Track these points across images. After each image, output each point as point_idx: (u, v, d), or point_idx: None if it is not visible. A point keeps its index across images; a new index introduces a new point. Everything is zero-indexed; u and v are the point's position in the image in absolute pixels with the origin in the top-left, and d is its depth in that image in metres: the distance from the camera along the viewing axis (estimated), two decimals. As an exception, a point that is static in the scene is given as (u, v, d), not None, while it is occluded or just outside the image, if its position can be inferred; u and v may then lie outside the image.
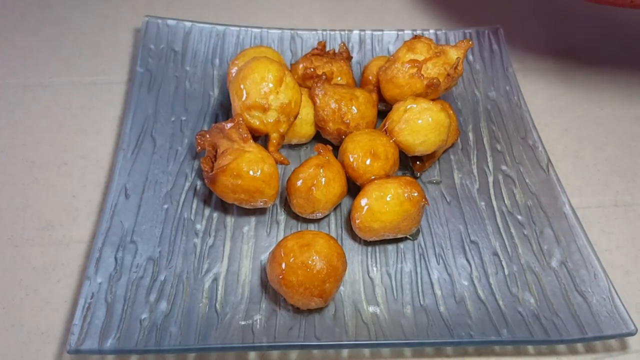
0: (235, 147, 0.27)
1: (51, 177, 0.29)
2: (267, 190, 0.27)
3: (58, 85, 0.34)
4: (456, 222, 0.29)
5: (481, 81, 0.35)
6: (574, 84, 0.37)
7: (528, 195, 0.29)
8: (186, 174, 0.29)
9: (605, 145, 0.33)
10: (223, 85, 0.34)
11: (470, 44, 0.30)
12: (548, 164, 0.30)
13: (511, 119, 0.33)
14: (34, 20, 0.38)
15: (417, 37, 0.30)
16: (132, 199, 0.27)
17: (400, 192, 0.26)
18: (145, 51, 0.34)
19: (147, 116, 0.31)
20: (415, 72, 0.29)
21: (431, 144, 0.29)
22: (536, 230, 0.28)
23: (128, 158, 0.29)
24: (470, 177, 0.31)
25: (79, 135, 0.31)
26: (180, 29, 0.35)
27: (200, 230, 0.27)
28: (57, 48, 0.36)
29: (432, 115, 0.28)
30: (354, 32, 0.37)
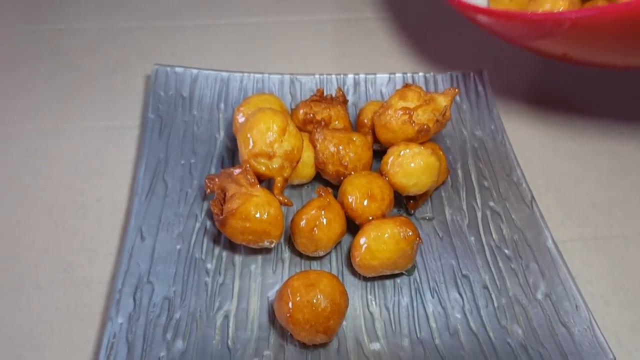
0: (243, 191, 0.29)
1: (69, 220, 0.31)
2: (273, 232, 0.29)
3: (73, 130, 0.36)
4: (448, 257, 0.31)
5: (468, 121, 0.38)
6: (553, 122, 0.40)
7: (514, 230, 0.32)
8: (196, 215, 0.31)
9: (584, 179, 0.36)
10: (228, 128, 0.36)
11: (456, 92, 0.33)
12: (532, 200, 0.33)
13: (497, 157, 0.36)
14: (48, 67, 0.40)
15: (408, 86, 0.33)
16: (147, 241, 0.29)
17: (396, 231, 0.28)
18: (156, 98, 0.36)
19: (159, 160, 0.33)
20: (407, 119, 0.32)
21: (423, 185, 0.31)
22: (522, 264, 0.30)
23: (142, 202, 0.31)
24: (460, 212, 0.33)
25: (94, 179, 0.33)
26: (188, 75, 0.38)
27: (211, 269, 0.29)
28: (71, 94, 0.38)
29: (424, 159, 0.31)
30: (348, 75, 0.39)
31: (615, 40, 0.32)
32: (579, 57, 0.35)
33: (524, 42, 0.37)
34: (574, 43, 0.34)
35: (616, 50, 0.34)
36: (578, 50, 0.35)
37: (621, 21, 0.29)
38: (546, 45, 0.36)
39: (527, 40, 0.37)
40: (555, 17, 0.32)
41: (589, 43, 0.34)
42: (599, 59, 0.36)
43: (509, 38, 0.38)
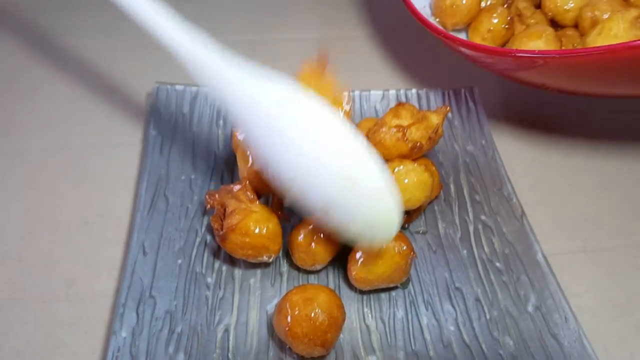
0: (242, 207, 0.30)
1: (74, 235, 0.32)
2: (272, 246, 0.30)
3: (76, 147, 0.37)
4: (442, 270, 0.32)
5: (460, 136, 0.39)
6: (543, 138, 0.41)
7: (505, 244, 0.33)
8: (196, 229, 0.32)
9: (573, 194, 0.37)
10: (227, 145, 0.37)
11: (448, 110, 0.34)
12: (522, 214, 0.34)
13: (488, 172, 0.37)
14: (49, 85, 0.41)
15: (401, 104, 0.34)
16: (150, 256, 0.30)
17: (391, 246, 0.29)
18: (157, 115, 0.37)
19: (160, 176, 0.34)
20: (401, 136, 0.33)
21: (417, 200, 0.32)
22: (513, 277, 0.31)
23: (144, 217, 0.32)
24: (453, 226, 0.34)
25: (97, 195, 0.34)
26: (188, 93, 0.39)
27: (211, 283, 0.30)
28: (72, 111, 0.39)
29: (417, 176, 0.32)
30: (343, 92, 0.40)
31: (591, 76, 0.34)
32: (556, 88, 0.38)
33: (503, 73, 0.39)
34: (550, 77, 0.36)
35: (592, 84, 0.36)
36: (555, 83, 0.37)
37: (593, 62, 0.31)
38: (524, 77, 0.38)
39: (506, 72, 0.39)
40: (531, 55, 0.34)
41: (565, 78, 0.36)
42: (575, 89, 0.38)
43: (491, 69, 0.40)
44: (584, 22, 0.38)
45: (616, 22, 0.34)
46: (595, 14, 0.37)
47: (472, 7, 0.41)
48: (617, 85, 0.36)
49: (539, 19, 0.41)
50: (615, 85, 0.36)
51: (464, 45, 0.38)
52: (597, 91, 0.37)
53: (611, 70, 0.32)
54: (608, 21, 0.35)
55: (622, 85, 0.36)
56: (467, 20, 0.42)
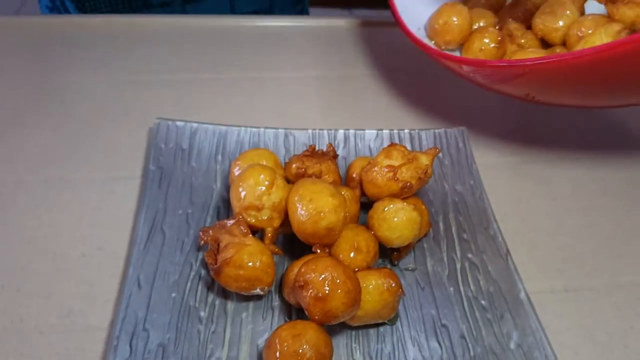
0: (236, 241, 0.32)
1: (71, 267, 0.33)
2: (265, 279, 0.31)
3: (77, 180, 0.38)
4: (429, 307, 0.33)
5: (449, 175, 0.40)
6: (529, 178, 0.42)
7: (490, 282, 0.34)
8: (191, 263, 0.33)
9: (556, 234, 0.38)
10: (225, 180, 0.38)
11: (437, 151, 0.35)
12: (507, 253, 0.35)
13: (475, 211, 0.38)
14: (54, 118, 0.43)
15: (393, 145, 0.35)
16: (144, 289, 0.31)
17: (380, 283, 0.30)
18: (157, 150, 0.38)
19: (158, 210, 0.35)
20: (392, 176, 0.34)
21: (406, 238, 0.33)
22: (497, 315, 0.32)
23: (141, 251, 0.33)
24: (441, 264, 0.35)
25: (96, 228, 0.35)
26: (188, 129, 0.40)
27: (204, 317, 0.31)
28: (75, 145, 0.41)
29: (406, 215, 0.33)
30: (339, 131, 0.42)
31: (572, 84, 0.36)
32: (541, 98, 0.40)
33: (490, 86, 0.41)
34: (533, 85, 0.38)
35: (575, 93, 0.38)
36: (539, 92, 0.39)
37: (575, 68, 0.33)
38: (511, 89, 0.40)
39: (493, 84, 0.41)
40: (515, 64, 0.37)
41: (546, 86, 0.38)
42: (560, 100, 0.40)
43: (477, 82, 0.42)
44: (571, 39, 0.40)
45: (599, 36, 0.37)
46: (581, 31, 0.39)
47: (464, 26, 0.44)
48: (595, 92, 0.38)
49: (529, 38, 0.43)
50: (594, 92, 0.38)
51: (458, 61, 0.40)
52: (583, 100, 0.40)
53: (591, 73, 0.34)
54: (591, 36, 0.37)
55: (598, 93, 0.38)
56: (459, 40, 0.44)
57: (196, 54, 0.52)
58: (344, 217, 0.32)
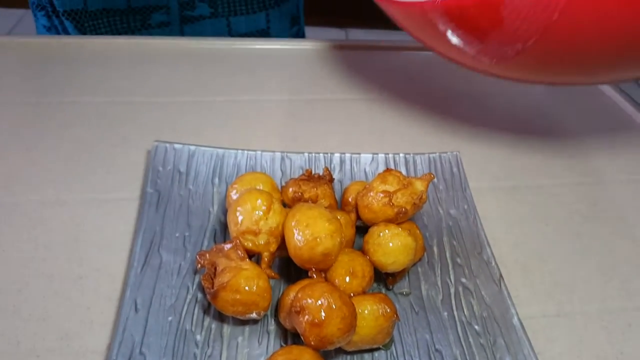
0: (233, 265, 0.32)
1: (68, 290, 0.33)
2: (262, 303, 0.31)
3: (74, 202, 0.38)
4: (423, 332, 0.33)
5: (444, 199, 0.41)
6: (522, 202, 0.43)
7: (483, 307, 0.34)
8: (188, 287, 0.34)
9: (549, 258, 0.39)
10: (222, 203, 0.39)
11: (432, 177, 0.36)
12: (500, 278, 0.35)
13: (469, 236, 0.38)
14: (52, 139, 0.43)
15: (388, 170, 0.36)
16: (141, 313, 0.31)
17: (376, 308, 0.31)
18: (155, 173, 0.39)
19: (155, 233, 0.35)
20: (387, 201, 0.35)
21: (401, 263, 0.34)
22: (490, 340, 0.33)
23: (138, 275, 0.33)
24: (435, 288, 0.36)
25: (93, 250, 0.35)
26: (186, 151, 0.40)
27: (200, 341, 0.31)
28: (73, 166, 0.41)
29: (401, 240, 0.33)
30: (335, 154, 0.42)
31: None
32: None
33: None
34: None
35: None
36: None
37: None
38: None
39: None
40: None
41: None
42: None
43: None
44: None
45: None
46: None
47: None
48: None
49: None
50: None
51: None
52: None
53: None
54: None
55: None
56: None
57: (194, 76, 0.53)
58: (340, 243, 0.32)
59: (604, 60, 0.37)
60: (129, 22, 0.63)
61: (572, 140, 0.50)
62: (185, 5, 0.65)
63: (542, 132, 0.51)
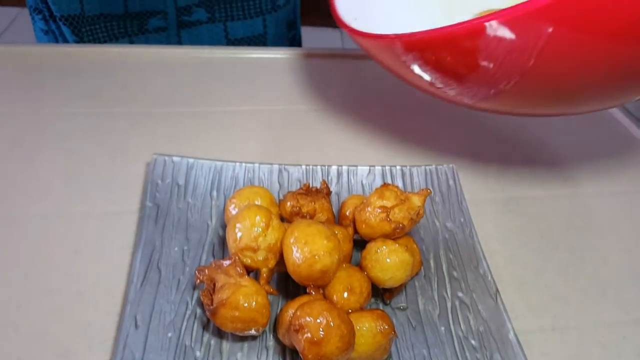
0: (231, 281, 0.32)
1: (67, 305, 0.33)
2: (260, 319, 0.31)
3: (73, 215, 0.38)
4: (420, 347, 0.34)
5: (440, 212, 0.41)
6: (518, 215, 0.43)
7: (480, 321, 0.35)
8: (187, 302, 0.34)
9: (545, 271, 0.39)
10: (220, 216, 0.39)
11: (429, 192, 0.36)
12: (496, 292, 0.36)
13: (465, 249, 0.39)
14: (50, 151, 0.43)
15: (386, 185, 0.36)
16: (141, 329, 0.31)
17: (374, 325, 0.31)
18: (153, 186, 0.39)
19: (154, 248, 0.35)
20: (384, 217, 0.35)
21: (398, 279, 0.34)
22: (487, 355, 0.33)
23: (137, 290, 0.33)
24: (432, 302, 0.36)
25: (92, 264, 0.36)
26: (184, 164, 0.41)
27: (200, 357, 0.31)
28: (71, 179, 0.41)
29: (399, 256, 0.34)
30: (332, 167, 0.43)
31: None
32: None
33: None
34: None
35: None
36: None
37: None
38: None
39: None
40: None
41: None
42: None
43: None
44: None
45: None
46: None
47: None
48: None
49: None
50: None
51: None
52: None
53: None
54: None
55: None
56: None
57: (192, 85, 0.53)
58: (338, 260, 0.32)
59: (584, 95, 0.38)
60: (127, 27, 0.63)
61: (567, 151, 0.51)
62: (183, 10, 0.64)
63: (537, 143, 0.52)
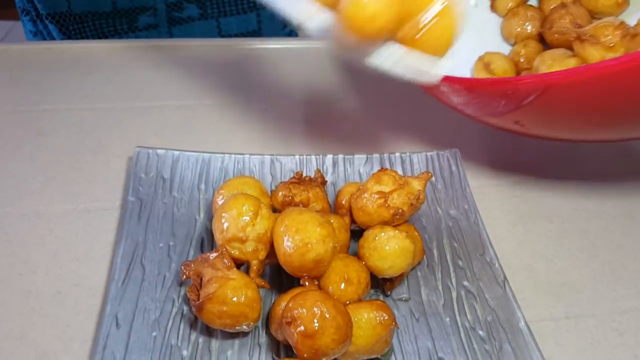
0: (219, 275, 0.30)
1: (46, 306, 0.31)
2: (251, 314, 0.29)
3: (53, 213, 0.36)
4: (424, 339, 0.31)
5: (443, 200, 0.39)
6: (525, 201, 0.41)
7: (488, 311, 0.32)
8: (173, 299, 0.32)
9: (555, 258, 0.37)
10: (208, 210, 0.37)
11: (430, 176, 0.34)
12: (504, 280, 0.33)
13: (470, 236, 0.37)
14: (30, 148, 0.41)
15: (383, 170, 0.34)
16: (123, 329, 0.29)
17: (373, 316, 0.29)
18: (136, 180, 0.37)
19: (137, 244, 0.33)
20: (383, 203, 0.33)
21: (398, 268, 0.32)
22: (496, 346, 0.31)
23: (119, 288, 0.31)
24: (436, 292, 0.34)
25: (72, 264, 0.34)
26: (169, 157, 0.39)
27: (187, 356, 0.29)
28: (52, 176, 0.39)
29: (399, 243, 0.32)
30: (327, 156, 0.40)
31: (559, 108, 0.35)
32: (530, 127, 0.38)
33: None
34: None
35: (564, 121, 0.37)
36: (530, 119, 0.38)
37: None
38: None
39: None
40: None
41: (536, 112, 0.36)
42: (551, 130, 0.39)
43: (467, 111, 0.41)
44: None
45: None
46: (543, 67, 0.40)
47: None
48: (587, 120, 0.37)
49: None
50: (586, 121, 0.37)
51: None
52: (574, 131, 0.39)
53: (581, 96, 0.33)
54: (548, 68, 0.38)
55: (589, 122, 0.37)
56: None
57: (179, 78, 0.51)
58: (332, 248, 0.30)
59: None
60: (116, 25, 0.62)
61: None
62: (173, 6, 0.63)
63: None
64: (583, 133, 0.40)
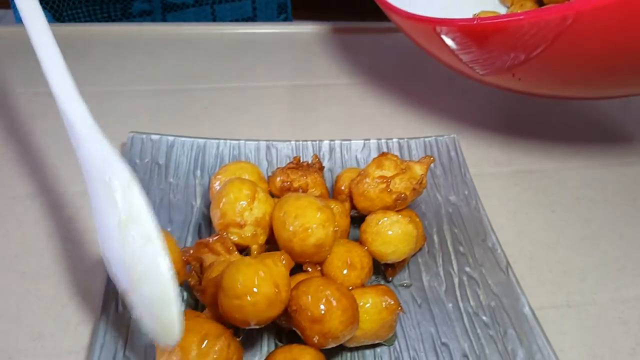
0: (221, 259, 0.29)
1: (41, 287, 0.31)
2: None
3: (47, 196, 0.36)
4: (427, 325, 0.31)
5: (442, 186, 0.39)
6: (526, 188, 0.41)
7: (491, 297, 0.32)
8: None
9: (556, 246, 0.37)
10: (205, 196, 0.36)
11: (432, 160, 0.34)
12: (507, 265, 0.33)
13: (471, 222, 0.36)
14: (24, 132, 0.40)
15: (384, 154, 0.34)
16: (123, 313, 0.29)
17: (378, 301, 0.28)
18: (131, 166, 0.35)
19: (134, 229, 0.33)
20: (385, 187, 0.32)
21: (401, 253, 0.31)
22: (500, 331, 0.30)
23: (117, 272, 0.30)
24: (437, 278, 0.33)
25: (67, 245, 0.33)
26: (164, 143, 0.38)
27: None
28: (46, 160, 0.38)
29: (401, 228, 0.31)
30: (324, 141, 0.40)
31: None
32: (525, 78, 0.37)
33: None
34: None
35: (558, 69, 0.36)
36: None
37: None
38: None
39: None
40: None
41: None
42: (544, 82, 0.38)
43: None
44: None
45: None
46: None
47: None
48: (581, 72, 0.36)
49: None
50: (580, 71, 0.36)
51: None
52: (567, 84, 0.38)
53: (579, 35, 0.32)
54: None
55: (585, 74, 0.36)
56: None
57: (174, 63, 0.50)
58: (333, 232, 0.30)
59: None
60: (109, 11, 0.60)
61: (576, 120, 0.48)
62: (167, -7, 0.62)
63: (544, 113, 0.49)
64: (597, 79, 0.38)
